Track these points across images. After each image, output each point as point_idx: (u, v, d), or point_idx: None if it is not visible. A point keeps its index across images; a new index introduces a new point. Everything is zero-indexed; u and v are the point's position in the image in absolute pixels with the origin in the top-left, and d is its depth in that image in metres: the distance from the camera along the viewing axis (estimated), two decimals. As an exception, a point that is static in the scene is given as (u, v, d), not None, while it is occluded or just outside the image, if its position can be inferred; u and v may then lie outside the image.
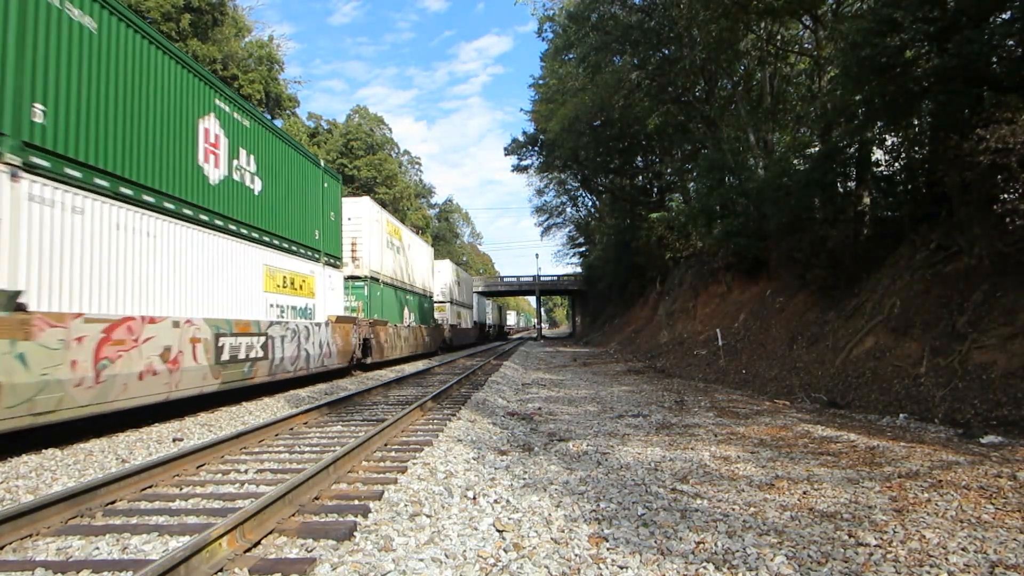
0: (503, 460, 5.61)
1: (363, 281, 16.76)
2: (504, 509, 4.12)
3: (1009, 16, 8.82)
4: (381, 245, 18.42)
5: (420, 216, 67.85)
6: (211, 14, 35.41)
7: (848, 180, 14.17)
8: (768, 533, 3.63)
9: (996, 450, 5.86)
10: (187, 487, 4.81)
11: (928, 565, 3.14)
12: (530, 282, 62.61)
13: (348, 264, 16.27)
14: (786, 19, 17.80)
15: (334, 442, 6.56)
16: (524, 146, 45.34)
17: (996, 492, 4.37)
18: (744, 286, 19.79)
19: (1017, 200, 8.13)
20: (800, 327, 13.73)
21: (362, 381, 14.03)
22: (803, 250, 13.98)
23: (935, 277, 9.98)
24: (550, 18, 35.93)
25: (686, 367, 16.81)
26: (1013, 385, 7.42)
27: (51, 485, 4.94)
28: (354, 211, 16.90)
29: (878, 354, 10.07)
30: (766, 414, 8.55)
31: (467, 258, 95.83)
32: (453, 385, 11.40)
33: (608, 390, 11.97)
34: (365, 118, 63.86)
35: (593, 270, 48.39)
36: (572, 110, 30.42)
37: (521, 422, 8.08)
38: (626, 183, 39.69)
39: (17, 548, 3.51)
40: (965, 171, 8.70)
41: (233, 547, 3.28)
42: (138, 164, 7.50)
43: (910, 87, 9.83)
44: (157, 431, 7.41)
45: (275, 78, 42.09)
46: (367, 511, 3.96)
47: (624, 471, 5.21)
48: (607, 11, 23.62)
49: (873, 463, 5.35)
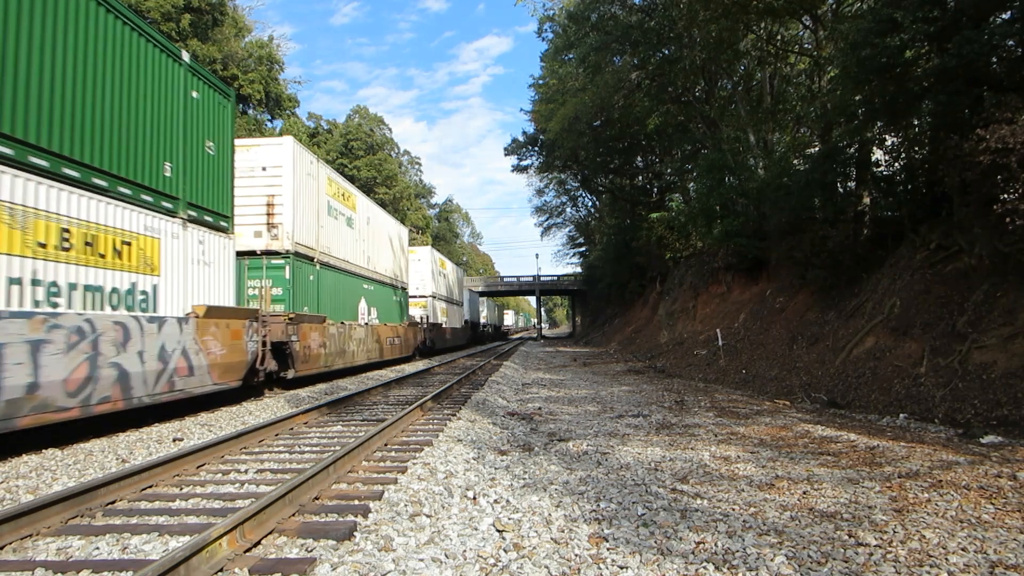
0: (503, 460, 5.61)
1: (284, 259, 12.03)
2: (504, 509, 4.12)
3: (1009, 16, 8.83)
4: (317, 210, 13.68)
5: (420, 216, 67.87)
6: (211, 14, 35.42)
7: (848, 180, 14.18)
8: (768, 533, 3.63)
9: (996, 450, 5.86)
10: (187, 487, 4.81)
11: (928, 565, 3.14)
12: (530, 282, 62.64)
13: (262, 233, 12.00)
14: (786, 19, 17.82)
15: (334, 442, 6.56)
16: (524, 146, 45.36)
17: (996, 492, 4.37)
18: (744, 286, 19.79)
19: (1017, 200, 8.12)
20: (800, 327, 13.73)
21: (362, 381, 14.01)
22: (803, 250, 13.98)
23: (935, 277, 9.98)
24: (550, 18, 35.97)
25: (686, 367, 16.81)
26: (1013, 385, 7.41)
27: (51, 485, 4.94)
28: (272, 157, 11.99)
29: (878, 354, 10.07)
30: (766, 414, 8.55)
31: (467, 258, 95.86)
32: (453, 385, 11.40)
33: (608, 390, 11.97)
34: (365, 118, 63.88)
35: (593, 270, 48.43)
36: (572, 110, 30.43)
37: (521, 422, 8.08)
38: (626, 183, 39.72)
39: (17, 548, 3.51)
40: (965, 171, 8.69)
41: (233, 547, 3.28)
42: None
43: (910, 87, 9.83)
44: (157, 431, 7.41)
45: (275, 78, 42.10)
46: (367, 511, 3.96)
47: (624, 471, 5.21)
48: (607, 11, 23.64)
49: (873, 463, 5.35)
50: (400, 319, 20.93)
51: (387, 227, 20.25)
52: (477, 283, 64.26)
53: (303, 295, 12.69)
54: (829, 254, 13.22)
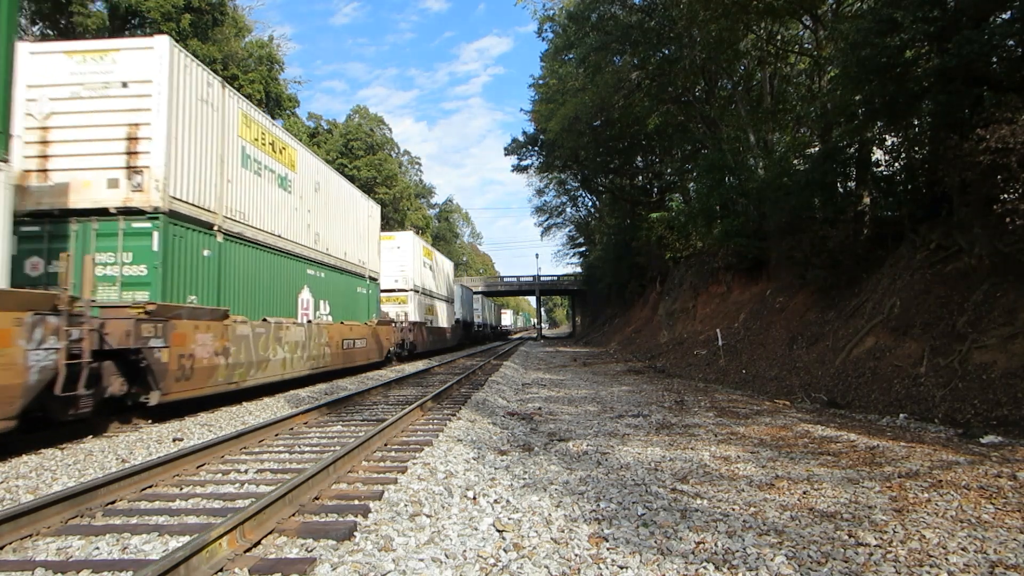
0: (503, 460, 5.61)
1: (150, 220, 8.24)
2: (504, 509, 4.12)
3: (1009, 16, 8.83)
4: (221, 156, 9.88)
5: (420, 216, 67.87)
6: (211, 14, 35.42)
7: (848, 180, 14.18)
8: (768, 533, 3.63)
9: (996, 450, 5.86)
10: (187, 487, 4.81)
11: (928, 565, 3.14)
12: (530, 282, 62.68)
13: (119, 182, 8.19)
14: (786, 19, 17.83)
15: (334, 442, 6.56)
16: (524, 146, 45.34)
17: (996, 492, 4.37)
18: (744, 286, 19.79)
19: (1017, 200, 8.13)
20: (800, 327, 13.73)
21: (362, 381, 13.99)
22: (803, 250, 13.98)
23: (935, 277, 9.98)
24: (550, 18, 35.95)
25: (686, 367, 16.80)
26: (1013, 385, 7.41)
27: (51, 485, 4.94)
28: (137, 68, 8.36)
29: (878, 354, 10.07)
30: (766, 414, 8.55)
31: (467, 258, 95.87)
32: (453, 385, 11.40)
33: (608, 390, 11.97)
34: (365, 118, 63.88)
35: (593, 270, 48.44)
36: (572, 110, 30.42)
37: (521, 422, 8.08)
38: (626, 183, 39.72)
39: (17, 548, 3.51)
40: (965, 171, 8.69)
41: (233, 547, 3.28)
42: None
43: (910, 87, 9.83)
44: (157, 431, 7.41)
45: (275, 78, 42.08)
46: (367, 511, 3.96)
47: (624, 471, 5.21)
48: (607, 11, 23.64)
49: (873, 463, 5.35)
50: (367, 316, 17.05)
51: (348, 199, 15.93)
52: (477, 283, 64.28)
53: (186, 277, 8.86)
54: (829, 254, 13.22)
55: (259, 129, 11.40)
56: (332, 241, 14.75)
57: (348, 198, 16.12)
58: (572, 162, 38.55)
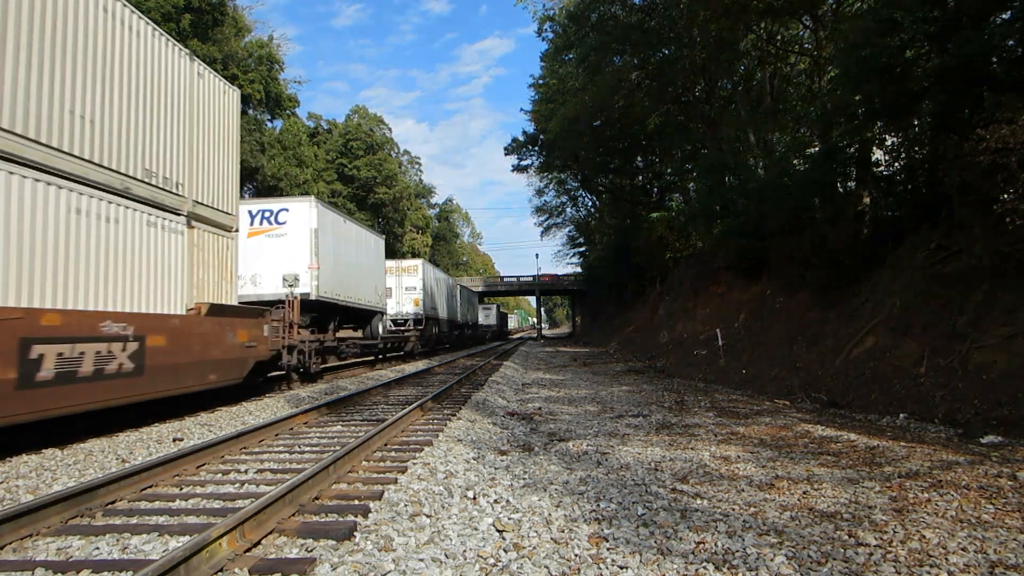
0: (503, 460, 5.61)
1: None
2: (504, 509, 4.12)
3: (1009, 16, 8.83)
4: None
5: (420, 216, 67.86)
6: (211, 14, 35.42)
7: (848, 180, 14.16)
8: (768, 533, 3.63)
9: (996, 450, 5.86)
10: (187, 487, 4.81)
11: (928, 565, 3.14)
12: (530, 282, 62.66)
13: None
14: (786, 19, 17.82)
15: (334, 442, 6.56)
16: (524, 146, 45.30)
17: (996, 492, 4.37)
18: (744, 286, 19.77)
19: (1017, 200, 8.11)
20: (800, 327, 13.72)
21: (362, 382, 14.00)
22: (803, 250, 13.97)
23: (935, 277, 9.98)
24: (550, 18, 35.89)
25: (686, 367, 16.80)
26: (1013, 385, 7.41)
27: (51, 485, 4.94)
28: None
29: (878, 354, 10.07)
30: (766, 414, 8.55)
31: (467, 258, 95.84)
32: (453, 385, 11.40)
33: (608, 390, 11.97)
34: (364, 118, 63.87)
35: (593, 270, 48.38)
36: (572, 110, 30.39)
37: (521, 422, 8.08)
38: (626, 183, 39.69)
39: (17, 548, 3.51)
40: (965, 171, 8.69)
41: (233, 547, 3.28)
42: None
43: (910, 87, 9.83)
44: (157, 431, 7.41)
45: (275, 78, 42.10)
46: (367, 511, 3.96)
47: (624, 471, 5.21)
48: (607, 11, 23.60)
49: (873, 463, 5.35)
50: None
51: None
52: (477, 283, 64.28)
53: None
54: (829, 254, 13.21)
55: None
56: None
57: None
58: (572, 162, 38.51)
